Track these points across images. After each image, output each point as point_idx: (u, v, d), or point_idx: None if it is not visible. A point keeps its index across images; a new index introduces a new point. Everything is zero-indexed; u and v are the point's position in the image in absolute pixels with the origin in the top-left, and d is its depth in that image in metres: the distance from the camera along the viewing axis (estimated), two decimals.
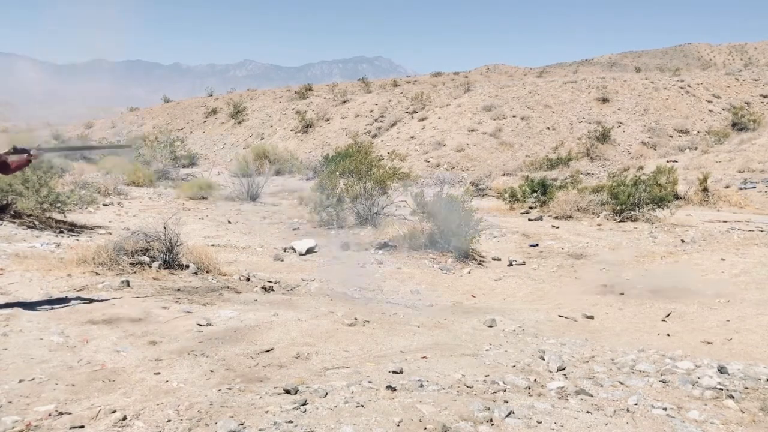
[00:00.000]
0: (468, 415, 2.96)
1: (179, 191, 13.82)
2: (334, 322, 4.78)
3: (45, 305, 4.69)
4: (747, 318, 6.41)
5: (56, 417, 2.81)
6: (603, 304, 7.16)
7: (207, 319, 4.59)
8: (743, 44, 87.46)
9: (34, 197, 8.11)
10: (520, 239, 10.60)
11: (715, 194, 16.13)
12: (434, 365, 3.84)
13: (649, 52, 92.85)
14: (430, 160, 26.10)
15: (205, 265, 6.44)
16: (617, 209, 12.52)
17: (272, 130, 35.47)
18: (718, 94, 31.49)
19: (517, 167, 25.32)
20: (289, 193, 15.49)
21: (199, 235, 8.88)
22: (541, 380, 3.69)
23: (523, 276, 8.44)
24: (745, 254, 9.59)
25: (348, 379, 3.42)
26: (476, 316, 5.90)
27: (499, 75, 60.29)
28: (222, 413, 2.85)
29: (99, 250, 5.97)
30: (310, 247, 8.72)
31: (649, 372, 3.99)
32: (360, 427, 2.75)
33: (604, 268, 8.98)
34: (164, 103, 51.16)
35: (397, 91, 38.94)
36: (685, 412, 3.26)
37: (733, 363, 4.26)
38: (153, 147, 18.34)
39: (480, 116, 30.21)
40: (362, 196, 10.42)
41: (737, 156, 21.18)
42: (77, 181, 12.36)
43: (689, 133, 28.24)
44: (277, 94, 44.43)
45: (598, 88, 31.96)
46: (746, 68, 41.28)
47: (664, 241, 10.61)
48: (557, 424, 2.95)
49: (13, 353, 3.63)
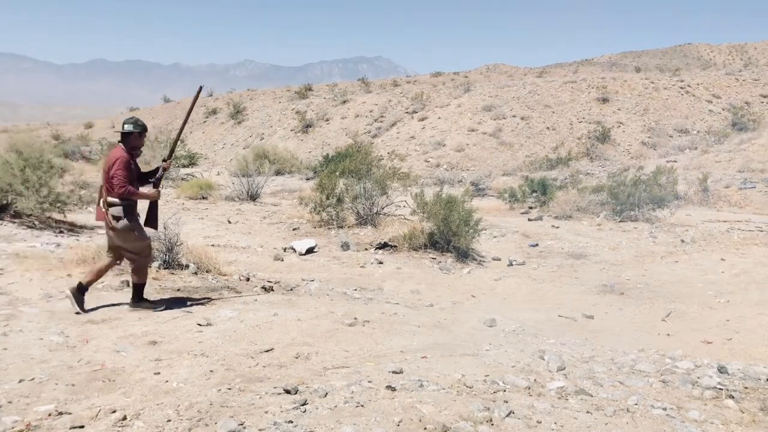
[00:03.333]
0: (468, 415, 2.96)
1: (179, 191, 13.81)
2: (334, 322, 4.78)
3: (45, 305, 4.69)
4: (747, 318, 6.41)
5: (56, 417, 2.81)
6: (603, 304, 7.16)
7: (207, 319, 4.59)
8: (743, 44, 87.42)
9: (34, 197, 8.11)
10: (520, 239, 10.59)
11: (715, 194, 16.14)
12: (434, 365, 3.84)
13: (649, 52, 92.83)
14: (430, 160, 26.10)
15: (205, 265, 6.44)
16: (617, 209, 12.52)
17: (272, 130, 35.47)
18: (718, 94, 31.48)
19: (517, 167, 25.31)
20: (289, 193, 15.48)
21: (199, 235, 8.88)
22: (541, 380, 3.69)
23: (523, 276, 8.44)
24: (745, 254, 9.59)
25: (348, 379, 3.42)
26: (476, 316, 5.90)
27: (499, 75, 60.28)
28: (222, 413, 2.85)
29: (99, 250, 5.96)
30: (310, 247, 8.72)
31: (649, 372, 3.99)
32: (360, 427, 2.75)
33: (604, 268, 8.98)
34: (164, 103, 51.21)
35: (397, 91, 38.94)
36: (685, 412, 3.26)
37: (733, 363, 4.26)
38: (153, 147, 18.32)
39: (480, 116, 30.21)
40: (362, 196, 10.41)
41: (737, 156, 21.17)
42: (77, 181, 12.36)
43: (689, 133, 28.24)
44: (277, 94, 44.44)
45: (598, 88, 31.96)
46: (746, 68, 41.28)
47: (664, 241, 10.61)
48: (557, 424, 2.95)
49: (13, 353, 3.63)
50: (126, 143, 4.70)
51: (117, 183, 4.55)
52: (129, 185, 4.60)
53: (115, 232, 4.69)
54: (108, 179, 4.62)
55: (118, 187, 4.56)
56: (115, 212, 4.63)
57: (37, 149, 8.83)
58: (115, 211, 4.63)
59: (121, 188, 4.55)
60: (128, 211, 4.68)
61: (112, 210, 4.62)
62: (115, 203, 4.62)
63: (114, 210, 4.63)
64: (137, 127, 4.72)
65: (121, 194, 4.58)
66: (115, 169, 4.57)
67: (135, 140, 4.74)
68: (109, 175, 4.59)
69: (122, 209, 4.64)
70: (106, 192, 4.65)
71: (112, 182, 4.58)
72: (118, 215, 4.63)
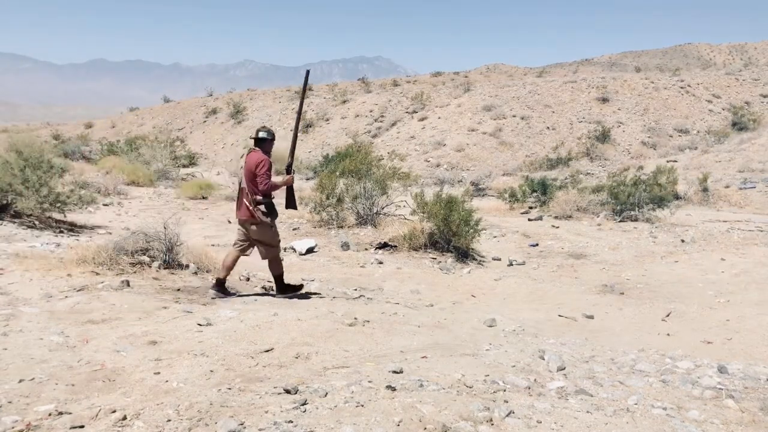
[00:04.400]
0: (468, 414, 2.96)
1: (179, 191, 13.81)
2: (334, 322, 4.78)
3: (45, 305, 4.69)
4: (747, 318, 6.41)
5: (56, 417, 2.81)
6: (603, 304, 7.16)
7: (207, 318, 4.59)
8: (743, 44, 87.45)
9: (34, 197, 8.10)
10: (520, 239, 10.60)
11: (715, 194, 16.14)
12: (434, 365, 3.84)
13: (649, 52, 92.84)
14: (430, 160, 26.11)
15: (205, 264, 6.44)
16: (617, 209, 12.52)
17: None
18: (718, 94, 31.49)
19: (517, 167, 25.33)
20: None
21: (199, 235, 8.87)
22: (541, 380, 3.69)
23: (523, 276, 8.44)
24: (745, 254, 9.59)
25: (348, 378, 3.42)
26: (476, 316, 5.91)
27: (499, 75, 60.30)
28: (222, 413, 2.85)
29: (99, 250, 5.96)
30: (310, 247, 8.72)
31: (649, 372, 3.99)
32: (360, 427, 2.75)
33: (604, 268, 8.98)
34: (164, 103, 51.21)
35: (397, 90, 38.95)
36: (685, 411, 3.26)
37: (733, 363, 4.26)
38: (153, 147, 18.32)
39: (480, 116, 30.22)
40: (362, 196, 10.41)
41: (737, 156, 21.18)
42: (77, 181, 12.36)
43: (689, 133, 28.25)
44: (277, 94, 44.44)
45: (598, 88, 31.97)
46: (746, 68, 41.28)
47: (664, 241, 10.61)
48: (557, 424, 2.95)
49: (13, 353, 3.63)
50: (262, 147, 5.42)
51: (261, 180, 5.26)
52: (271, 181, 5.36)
53: (257, 227, 5.39)
54: (251, 179, 5.31)
55: (262, 184, 5.26)
56: (263, 209, 5.33)
57: (37, 149, 8.83)
58: (263, 207, 5.33)
59: (265, 184, 5.28)
60: (271, 209, 5.41)
61: (260, 207, 5.32)
62: (262, 201, 5.32)
63: (261, 207, 5.33)
64: (270, 135, 5.50)
65: (265, 189, 5.29)
66: (260, 167, 5.27)
67: (268, 145, 5.49)
68: (254, 174, 5.27)
69: (267, 206, 5.35)
70: (251, 192, 5.33)
71: (257, 180, 5.27)
72: (264, 211, 5.33)
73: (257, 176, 5.26)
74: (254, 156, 5.35)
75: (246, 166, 5.38)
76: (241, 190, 5.44)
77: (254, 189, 5.30)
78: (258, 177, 5.27)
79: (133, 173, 15.22)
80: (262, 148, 5.43)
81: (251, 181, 5.30)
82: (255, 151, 5.40)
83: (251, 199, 5.32)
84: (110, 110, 54.83)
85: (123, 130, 43.46)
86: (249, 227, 5.44)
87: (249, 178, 5.32)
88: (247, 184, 5.34)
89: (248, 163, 5.35)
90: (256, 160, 5.31)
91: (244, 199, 5.38)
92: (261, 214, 5.31)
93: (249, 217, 5.38)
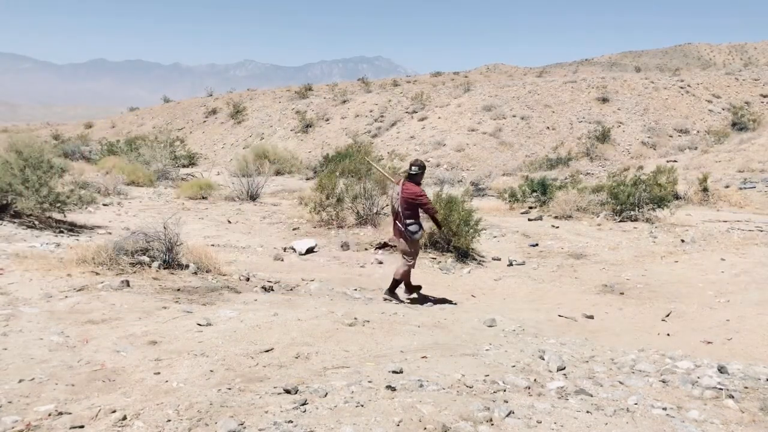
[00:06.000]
0: (468, 414, 2.96)
1: (179, 191, 13.81)
2: (334, 322, 4.78)
3: (45, 305, 4.69)
4: (747, 318, 6.41)
5: (56, 417, 2.81)
6: (603, 304, 7.16)
7: (207, 319, 4.59)
8: (743, 44, 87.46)
9: (34, 197, 8.10)
10: (520, 239, 10.59)
11: (715, 194, 16.12)
12: (434, 365, 3.84)
13: (649, 52, 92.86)
14: (430, 159, 26.09)
15: (205, 265, 6.43)
16: (617, 209, 12.51)
17: (272, 130, 35.48)
18: (718, 94, 31.49)
19: (517, 167, 25.32)
20: (289, 193, 15.47)
21: (199, 235, 8.87)
22: (541, 380, 3.69)
23: (523, 276, 8.44)
24: (745, 254, 9.59)
25: (348, 378, 3.42)
26: (476, 316, 5.91)
27: (499, 75, 60.30)
28: (222, 413, 2.85)
29: (99, 250, 5.96)
30: (310, 247, 8.71)
31: (649, 372, 3.99)
32: (360, 427, 2.75)
33: (604, 268, 8.98)
34: (164, 103, 51.20)
35: (397, 90, 38.95)
36: (685, 411, 3.26)
37: (733, 363, 4.26)
38: (153, 147, 18.32)
39: (480, 116, 30.21)
40: (362, 196, 10.41)
41: (737, 156, 21.17)
42: (77, 181, 12.36)
43: (689, 133, 28.25)
44: (277, 94, 44.44)
45: (598, 88, 31.97)
46: (746, 68, 41.29)
47: (663, 241, 10.61)
48: (557, 423, 2.95)
49: (13, 353, 3.63)
50: (414, 180, 6.60)
51: (429, 207, 6.61)
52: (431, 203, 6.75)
53: (408, 242, 6.64)
54: (410, 206, 6.52)
55: (430, 209, 6.66)
56: (412, 228, 6.57)
57: (37, 149, 8.82)
58: (413, 228, 6.57)
59: (431, 208, 6.66)
60: (420, 227, 6.67)
61: (411, 227, 6.56)
62: (413, 222, 6.56)
63: (412, 227, 6.57)
64: (422, 169, 6.66)
65: (432, 210, 6.69)
66: (422, 197, 6.53)
67: (420, 177, 6.67)
68: (416, 202, 6.52)
69: (417, 225, 6.61)
70: (403, 216, 6.54)
71: (423, 207, 6.57)
72: (414, 230, 6.58)
73: (423, 204, 6.54)
74: (411, 188, 6.51)
75: (402, 194, 6.52)
76: (396, 213, 6.63)
77: (406, 213, 6.51)
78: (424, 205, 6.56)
79: (133, 173, 15.22)
80: (415, 180, 6.59)
81: (410, 207, 6.51)
82: (409, 183, 6.55)
83: (403, 222, 6.54)
84: (110, 110, 54.92)
85: (123, 130, 43.47)
86: (399, 241, 6.74)
87: (405, 207, 6.50)
88: (401, 210, 6.52)
89: (406, 193, 6.50)
90: (416, 192, 6.50)
91: (397, 221, 6.63)
92: (410, 233, 6.58)
93: (398, 236, 6.70)
